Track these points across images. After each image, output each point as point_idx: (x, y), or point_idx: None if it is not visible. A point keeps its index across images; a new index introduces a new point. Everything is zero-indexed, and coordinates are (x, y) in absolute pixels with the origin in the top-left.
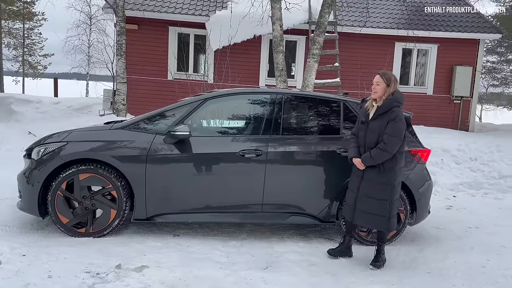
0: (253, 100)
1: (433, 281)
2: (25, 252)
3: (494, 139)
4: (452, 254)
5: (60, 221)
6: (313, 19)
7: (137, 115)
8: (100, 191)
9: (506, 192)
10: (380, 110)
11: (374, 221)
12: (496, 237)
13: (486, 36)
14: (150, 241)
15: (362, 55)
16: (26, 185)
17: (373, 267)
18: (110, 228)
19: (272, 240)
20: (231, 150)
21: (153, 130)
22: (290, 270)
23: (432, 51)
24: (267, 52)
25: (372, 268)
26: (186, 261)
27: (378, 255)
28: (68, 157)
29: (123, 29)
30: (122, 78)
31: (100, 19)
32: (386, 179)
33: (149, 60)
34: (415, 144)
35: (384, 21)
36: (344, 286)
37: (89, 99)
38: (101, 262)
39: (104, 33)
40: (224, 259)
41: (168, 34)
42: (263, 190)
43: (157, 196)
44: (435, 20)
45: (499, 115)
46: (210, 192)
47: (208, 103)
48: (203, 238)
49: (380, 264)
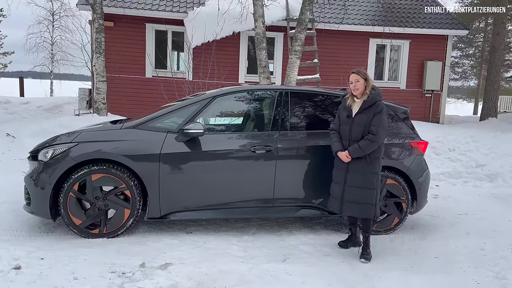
0: (260, 96)
1: (442, 265)
2: (43, 255)
3: (468, 131)
4: (451, 240)
5: (73, 223)
6: (291, 16)
7: (116, 113)
8: (113, 191)
9: (483, 180)
10: (366, 104)
11: (363, 210)
12: (486, 222)
13: (455, 32)
14: (166, 239)
15: (338, 51)
16: (36, 188)
17: (365, 260)
18: (124, 228)
19: (283, 233)
20: (243, 146)
21: (164, 129)
22: (307, 261)
23: (404, 47)
24: (246, 49)
25: (364, 261)
26: (208, 257)
27: (366, 247)
28: (80, 158)
29: (101, 26)
30: (102, 77)
31: (63, 16)
32: (372, 169)
33: (126, 58)
34: (414, 137)
35: (359, 17)
36: (363, 274)
37: (58, 99)
38: (123, 262)
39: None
40: (242, 253)
41: (145, 31)
42: (274, 185)
43: (170, 194)
44: (406, 17)
45: (460, 108)
46: (223, 189)
47: (217, 100)
48: (216, 234)
49: (370, 257)
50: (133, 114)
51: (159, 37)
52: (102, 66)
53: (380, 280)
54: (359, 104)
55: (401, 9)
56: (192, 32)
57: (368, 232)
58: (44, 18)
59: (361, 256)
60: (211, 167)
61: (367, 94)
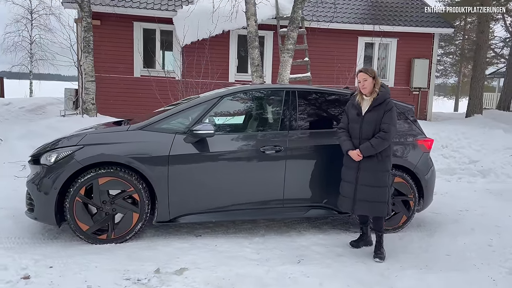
0: (268, 95)
1: (455, 262)
2: (51, 263)
3: (459, 127)
4: (459, 237)
5: (80, 228)
6: (281, 15)
7: (104, 114)
8: (120, 195)
9: (476, 176)
10: (376, 102)
11: (375, 208)
12: (487, 218)
13: (441, 30)
14: (176, 243)
15: (327, 50)
16: (39, 193)
17: (379, 260)
18: (133, 233)
19: (292, 234)
20: (252, 147)
21: (172, 130)
22: (322, 262)
23: (392, 45)
24: (236, 47)
25: (378, 261)
26: (222, 260)
27: (379, 246)
28: (87, 161)
29: (89, 24)
30: (91, 76)
31: (42, 14)
32: (383, 167)
33: (113, 57)
34: (420, 134)
35: (347, 16)
36: (379, 273)
37: (41, 99)
38: (136, 268)
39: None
40: (256, 256)
41: (132, 30)
42: (284, 185)
43: (180, 197)
44: (394, 16)
45: (441, 105)
46: (233, 190)
47: (225, 100)
48: (226, 237)
49: (384, 256)
50: (122, 115)
51: (147, 36)
52: (90, 66)
53: (398, 279)
54: (368, 102)
55: (388, 7)
56: (181, 30)
57: (381, 231)
58: (22, 17)
59: (375, 255)
60: (220, 168)
61: (377, 92)
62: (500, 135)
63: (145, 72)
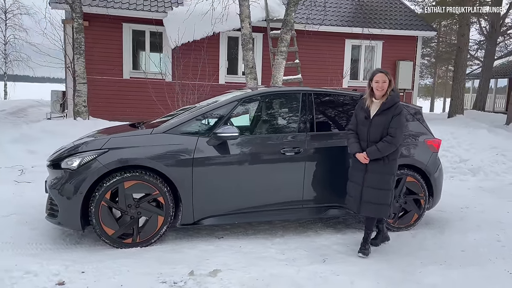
0: (286, 98)
1: (472, 258)
2: (82, 268)
3: (447, 128)
4: (468, 233)
5: (106, 233)
6: (270, 17)
7: (95, 116)
8: (145, 198)
9: (467, 174)
10: (385, 106)
11: (379, 210)
12: (488, 214)
13: (424, 33)
14: (200, 245)
15: (316, 52)
16: (64, 198)
17: (362, 255)
18: (158, 236)
19: (310, 234)
20: (273, 149)
21: (195, 133)
22: (347, 261)
23: (378, 47)
24: (226, 49)
25: (362, 256)
26: (251, 261)
27: (365, 243)
28: (113, 165)
29: (81, 26)
30: (83, 78)
31: (16, 14)
32: (389, 170)
33: (102, 59)
34: (429, 135)
35: (335, 19)
36: (401, 270)
37: (21, 102)
38: (169, 271)
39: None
40: (282, 256)
41: (122, 31)
42: (303, 186)
43: (204, 199)
44: (379, 19)
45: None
46: (254, 192)
47: (244, 103)
48: (247, 238)
49: (368, 252)
50: (112, 117)
51: (137, 38)
52: (82, 68)
53: (423, 275)
54: (377, 105)
55: (373, 11)
56: (172, 32)
57: (370, 230)
58: None
59: (360, 250)
60: (242, 170)
61: (387, 96)
62: (485, 134)
63: (134, 74)
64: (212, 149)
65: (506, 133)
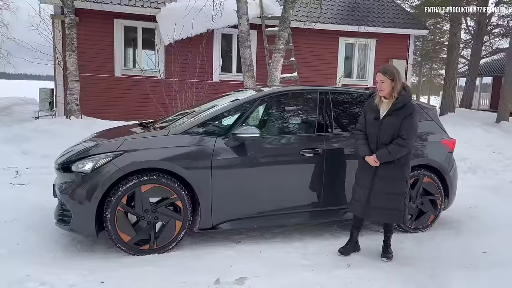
0: (304, 97)
1: (495, 259)
2: (100, 278)
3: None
4: (485, 233)
5: (122, 240)
6: (265, 14)
7: (87, 115)
8: (163, 203)
9: (467, 172)
10: (396, 106)
11: (391, 216)
12: (499, 213)
13: (417, 32)
14: (219, 251)
15: (311, 50)
16: (77, 203)
17: (386, 259)
18: (176, 242)
19: (328, 237)
20: (292, 150)
21: (212, 134)
22: (371, 265)
23: (371, 45)
24: (220, 46)
25: (386, 260)
26: (276, 267)
27: (387, 247)
28: (130, 168)
29: (73, 21)
30: (75, 76)
31: None
32: (401, 174)
33: (93, 56)
34: (444, 134)
35: (329, 16)
36: (429, 275)
37: (5, 100)
38: (194, 279)
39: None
40: (305, 261)
41: (113, 27)
42: (323, 188)
43: (222, 203)
44: (373, 17)
45: None
46: (273, 194)
47: (261, 102)
48: (265, 242)
49: (391, 256)
50: (103, 116)
51: (129, 34)
52: (75, 65)
53: (453, 279)
54: (388, 105)
55: (366, 9)
56: (165, 28)
57: (390, 233)
58: None
59: (383, 255)
60: (261, 172)
61: (396, 96)
62: (480, 133)
63: (126, 71)
64: (231, 151)
65: (498, 131)
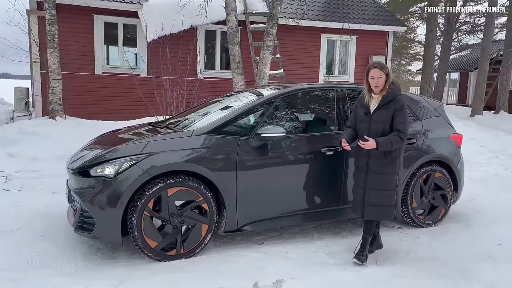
0: (322, 95)
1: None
2: (132, 287)
3: None
4: (494, 226)
5: (149, 246)
6: (249, 10)
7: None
8: (188, 206)
9: None
10: (385, 100)
11: (382, 213)
12: (500, 206)
13: (395, 28)
14: (246, 253)
15: (294, 47)
16: (100, 209)
17: (358, 261)
18: (202, 246)
19: (347, 235)
20: (314, 148)
21: (235, 134)
22: (398, 262)
23: (352, 42)
24: (203, 43)
25: (357, 262)
26: (308, 268)
27: (363, 249)
28: (156, 171)
29: (54, 17)
30: (57, 74)
31: None
32: (392, 169)
33: (72, 53)
34: (452, 130)
35: (311, 13)
36: (455, 269)
37: None
38: (230, 284)
39: None
40: (333, 260)
41: (93, 23)
42: (343, 186)
43: (247, 204)
44: (353, 14)
45: None
46: (297, 194)
47: (280, 100)
48: (288, 243)
49: (365, 258)
50: (85, 115)
51: (109, 30)
52: (57, 63)
53: (480, 271)
54: (377, 100)
55: (346, 6)
56: (147, 25)
57: (368, 234)
58: None
59: (356, 256)
60: (285, 172)
61: (386, 90)
62: (461, 127)
63: (107, 69)
64: (254, 151)
65: (476, 125)
